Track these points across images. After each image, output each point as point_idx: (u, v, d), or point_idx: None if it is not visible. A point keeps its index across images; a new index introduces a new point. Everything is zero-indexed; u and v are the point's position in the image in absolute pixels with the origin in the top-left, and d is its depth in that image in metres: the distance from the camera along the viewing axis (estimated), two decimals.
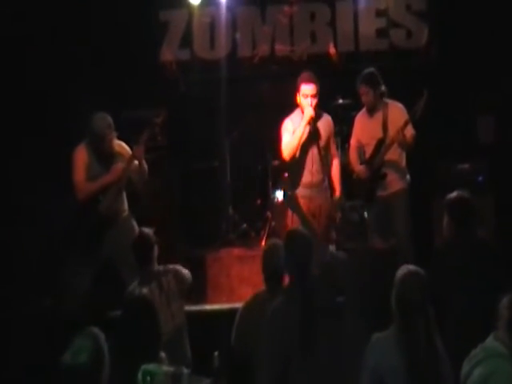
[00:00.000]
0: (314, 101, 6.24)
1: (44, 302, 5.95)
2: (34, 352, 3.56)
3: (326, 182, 6.46)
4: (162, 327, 4.58)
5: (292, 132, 6.31)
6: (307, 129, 6.23)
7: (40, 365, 3.42)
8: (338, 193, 6.46)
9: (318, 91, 6.25)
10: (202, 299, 6.59)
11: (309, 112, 6.20)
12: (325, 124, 6.42)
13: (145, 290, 5.06)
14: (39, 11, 7.53)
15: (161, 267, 5.31)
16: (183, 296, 5.31)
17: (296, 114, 6.40)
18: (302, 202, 6.28)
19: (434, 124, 7.29)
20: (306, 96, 6.25)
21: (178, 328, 5.17)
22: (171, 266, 5.34)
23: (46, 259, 6.61)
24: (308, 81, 6.25)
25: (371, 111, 6.51)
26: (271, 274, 4.81)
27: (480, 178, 7.23)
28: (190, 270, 6.83)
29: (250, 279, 6.46)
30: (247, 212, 7.72)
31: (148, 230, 5.38)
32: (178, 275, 5.30)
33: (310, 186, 6.31)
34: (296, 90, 6.30)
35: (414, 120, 6.27)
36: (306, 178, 6.31)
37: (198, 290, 5.89)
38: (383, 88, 6.51)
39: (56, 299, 5.98)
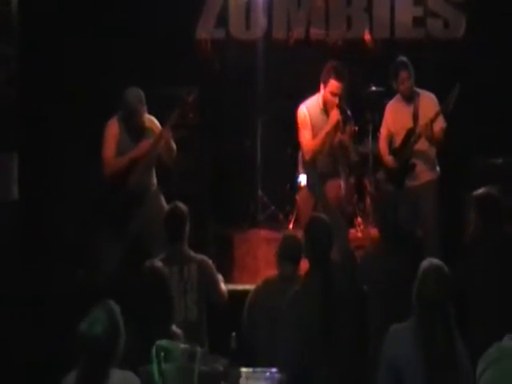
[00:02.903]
0: (337, 101, 6.22)
1: (76, 275, 6.03)
2: (67, 324, 3.63)
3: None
4: (174, 315, 4.66)
5: (310, 127, 6.27)
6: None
7: (72, 336, 3.49)
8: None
9: (344, 82, 6.23)
10: (228, 279, 6.64)
11: (335, 116, 6.18)
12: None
13: (165, 269, 4.79)
14: None
15: (190, 252, 5.19)
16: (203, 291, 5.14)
17: (313, 103, 6.36)
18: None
19: (470, 117, 7.26)
20: (333, 94, 6.22)
21: (190, 323, 4.98)
22: (199, 256, 5.20)
23: (78, 232, 6.69)
24: (340, 78, 6.20)
25: (407, 99, 6.48)
26: (286, 259, 4.85)
27: None
28: (218, 249, 6.98)
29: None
30: (276, 194, 7.75)
31: (182, 205, 5.28)
32: (202, 266, 5.14)
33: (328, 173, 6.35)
34: (322, 78, 6.25)
35: (445, 112, 6.25)
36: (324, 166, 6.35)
37: (224, 270, 5.91)
38: None
39: (87, 272, 6.06)
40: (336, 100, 6.22)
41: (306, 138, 6.31)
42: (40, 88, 7.34)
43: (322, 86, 6.31)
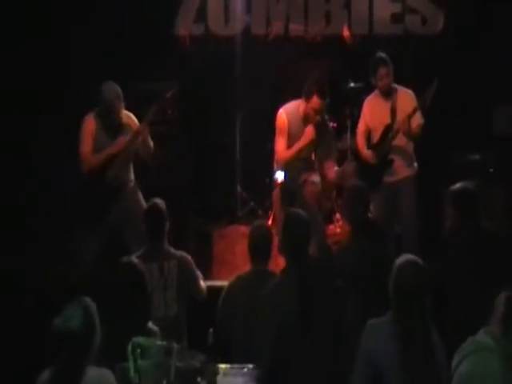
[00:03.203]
0: (318, 118, 6.27)
1: (53, 271, 6.01)
2: (42, 320, 3.62)
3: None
4: (154, 311, 4.67)
5: (286, 136, 6.28)
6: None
7: (47, 329, 3.48)
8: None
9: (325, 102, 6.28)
10: (207, 275, 6.63)
11: (310, 133, 6.22)
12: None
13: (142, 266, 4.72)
14: None
15: (170, 248, 5.20)
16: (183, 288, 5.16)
17: (293, 110, 6.35)
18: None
19: (448, 113, 7.30)
20: (314, 110, 6.24)
21: (170, 320, 5.00)
22: (179, 252, 5.21)
23: (55, 228, 6.66)
24: (323, 96, 6.22)
25: (385, 95, 6.50)
26: (255, 256, 4.86)
27: (491, 170, 7.23)
28: (197, 245, 6.97)
29: None
30: (255, 190, 7.75)
31: (161, 202, 5.29)
32: (182, 263, 5.15)
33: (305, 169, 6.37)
34: (305, 91, 6.24)
35: (423, 108, 6.27)
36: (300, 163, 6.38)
37: (203, 266, 5.91)
38: None
39: (64, 268, 6.04)
40: (318, 118, 6.26)
41: (281, 146, 6.34)
42: (16, 81, 7.28)
43: (303, 98, 6.29)
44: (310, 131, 6.23)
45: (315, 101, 6.21)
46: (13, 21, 7.35)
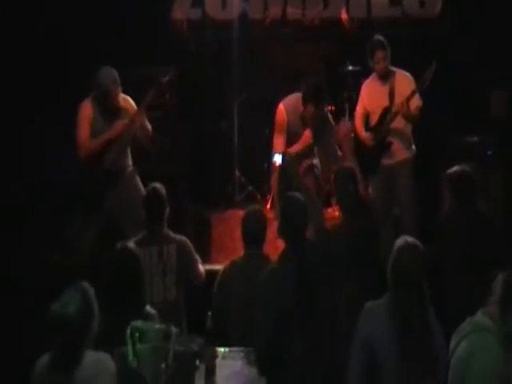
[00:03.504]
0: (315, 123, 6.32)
1: (51, 258, 6.01)
2: (42, 308, 3.63)
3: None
4: (153, 295, 4.68)
5: (284, 132, 6.32)
6: None
7: (43, 316, 3.49)
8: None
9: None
10: (206, 259, 6.64)
11: (308, 139, 6.31)
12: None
13: (140, 250, 4.70)
14: None
15: (169, 233, 5.19)
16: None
17: (293, 106, 6.36)
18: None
19: (446, 96, 7.28)
20: (311, 116, 6.29)
21: (169, 304, 5.00)
22: (178, 237, 5.20)
23: (52, 214, 6.66)
24: (318, 104, 6.27)
25: (382, 78, 6.48)
26: (249, 240, 4.87)
27: (489, 152, 7.23)
28: (195, 229, 6.97)
29: None
30: (253, 174, 7.75)
31: (160, 186, 5.27)
32: (181, 247, 5.14)
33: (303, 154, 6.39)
34: (304, 94, 6.25)
35: (421, 90, 6.26)
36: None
37: (202, 250, 5.91)
38: None
39: (62, 255, 6.04)
40: (314, 123, 6.32)
41: (278, 142, 6.38)
42: (11, 69, 7.26)
43: (303, 99, 6.30)
44: (306, 136, 6.30)
45: (310, 108, 6.24)
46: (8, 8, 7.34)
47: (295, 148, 6.30)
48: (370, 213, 5.40)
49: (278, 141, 6.38)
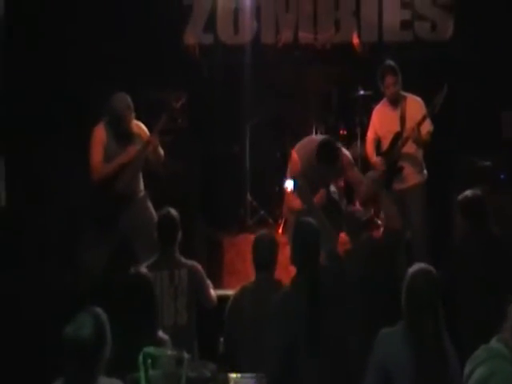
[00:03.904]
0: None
1: (63, 280, 6.02)
2: (53, 327, 3.63)
3: None
4: (164, 319, 4.67)
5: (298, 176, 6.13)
6: None
7: (56, 339, 3.48)
8: None
9: None
10: (218, 284, 6.63)
11: (320, 199, 6.10)
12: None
13: (152, 274, 4.71)
14: None
15: (181, 257, 5.19)
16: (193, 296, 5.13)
17: (305, 154, 6.15)
18: None
19: (458, 118, 7.28)
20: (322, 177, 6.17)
21: (180, 328, 4.97)
22: (189, 262, 5.20)
23: (65, 237, 6.67)
24: (328, 163, 6.05)
25: (393, 103, 6.49)
26: (260, 265, 4.86)
27: (502, 176, 7.20)
28: (207, 253, 6.96)
29: None
30: (265, 198, 7.76)
31: (174, 211, 5.27)
32: (192, 272, 5.13)
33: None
34: (316, 155, 6.03)
35: (432, 114, 6.26)
36: None
37: (213, 274, 5.91)
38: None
39: (74, 277, 6.05)
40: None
41: (289, 205, 6.25)
42: (26, 92, 7.32)
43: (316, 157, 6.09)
44: (318, 198, 6.09)
45: (323, 168, 6.06)
46: (20, 36, 7.41)
47: (307, 202, 6.09)
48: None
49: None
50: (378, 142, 6.60)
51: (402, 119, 6.41)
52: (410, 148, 6.40)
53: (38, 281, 5.85)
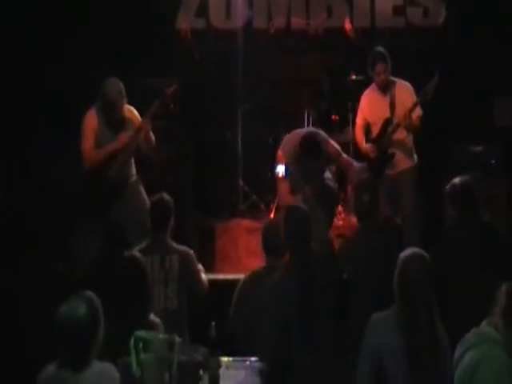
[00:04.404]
0: None
1: (56, 266, 6.02)
2: (46, 315, 3.63)
3: None
4: (154, 304, 4.67)
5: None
6: None
7: (50, 327, 3.49)
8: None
9: None
10: (209, 268, 6.64)
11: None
12: None
13: (143, 258, 4.68)
14: None
15: (172, 243, 5.20)
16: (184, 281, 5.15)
17: (290, 150, 6.24)
18: None
19: (450, 105, 7.29)
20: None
21: (170, 312, 4.98)
22: (181, 247, 5.20)
23: (57, 223, 6.67)
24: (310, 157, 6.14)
25: (382, 89, 6.48)
26: (269, 251, 4.84)
27: (493, 161, 7.22)
28: (199, 238, 6.97)
29: (257, 251, 6.36)
30: (257, 184, 7.76)
31: (167, 196, 5.28)
32: (183, 257, 5.13)
33: None
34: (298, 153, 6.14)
35: (423, 102, 6.24)
36: None
37: (205, 259, 5.91)
38: None
39: (68, 265, 6.05)
40: None
41: (284, 191, 6.32)
42: (17, 81, 7.29)
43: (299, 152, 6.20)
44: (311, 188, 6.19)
45: (307, 163, 6.13)
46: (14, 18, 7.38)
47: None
48: (391, 234, 5.32)
49: (282, 189, 6.33)
50: (367, 128, 6.60)
51: (392, 105, 6.39)
52: (400, 134, 6.39)
53: (32, 270, 5.85)
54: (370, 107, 6.57)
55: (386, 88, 6.45)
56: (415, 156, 6.53)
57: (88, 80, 6.66)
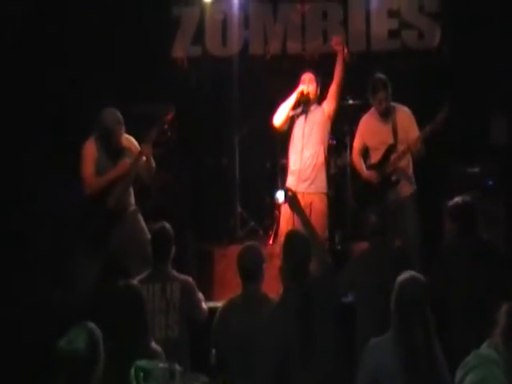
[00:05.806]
0: (311, 86, 6.54)
1: (53, 293, 6.00)
2: (43, 342, 3.60)
3: (324, 177, 6.47)
4: (155, 332, 4.64)
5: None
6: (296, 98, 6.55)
7: (48, 355, 3.45)
8: None
9: (316, 82, 6.59)
10: (208, 295, 6.59)
11: (301, 88, 6.51)
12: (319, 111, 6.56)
13: (144, 287, 4.81)
14: (52, 7, 7.55)
15: (173, 271, 5.21)
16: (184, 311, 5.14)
17: None
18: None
19: (446, 126, 7.29)
20: (303, 81, 6.58)
21: (171, 341, 4.96)
22: (182, 276, 5.21)
23: (55, 250, 6.66)
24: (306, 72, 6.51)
25: (383, 115, 6.49)
26: (246, 277, 4.79)
27: (490, 182, 7.22)
28: (198, 265, 6.94)
29: None
30: (256, 210, 7.76)
31: (168, 226, 5.30)
32: (184, 286, 5.14)
33: (299, 177, 6.32)
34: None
35: (435, 132, 6.22)
36: (295, 164, 6.35)
37: (204, 286, 5.89)
38: None
39: (63, 290, 6.02)
40: (308, 86, 6.65)
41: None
42: (15, 106, 7.30)
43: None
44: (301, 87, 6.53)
45: (303, 77, 6.69)
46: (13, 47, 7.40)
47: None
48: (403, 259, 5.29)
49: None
50: (365, 153, 6.60)
51: (395, 131, 6.41)
52: (403, 161, 6.41)
53: (29, 297, 5.83)
54: (371, 133, 6.58)
55: (386, 114, 6.46)
56: (414, 182, 6.53)
57: (85, 106, 6.67)
